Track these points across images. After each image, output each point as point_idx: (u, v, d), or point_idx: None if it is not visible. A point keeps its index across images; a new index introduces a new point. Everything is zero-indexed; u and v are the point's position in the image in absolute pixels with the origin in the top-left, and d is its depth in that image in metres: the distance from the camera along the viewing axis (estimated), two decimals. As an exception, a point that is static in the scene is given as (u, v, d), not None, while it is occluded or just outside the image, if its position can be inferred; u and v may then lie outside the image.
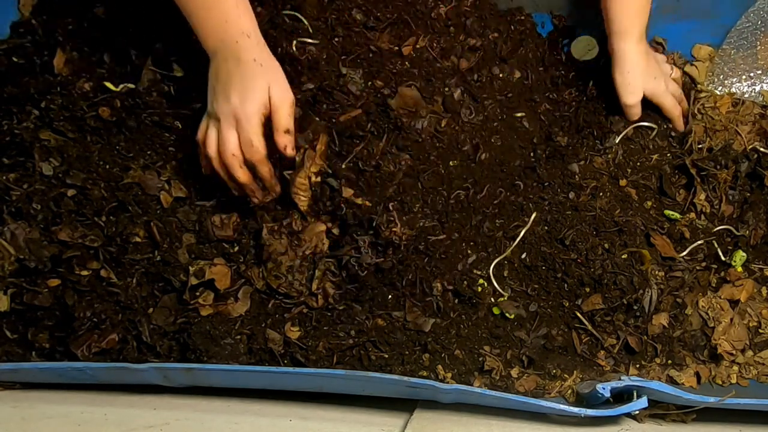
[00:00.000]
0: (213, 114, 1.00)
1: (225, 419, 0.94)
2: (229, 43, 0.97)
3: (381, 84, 1.12)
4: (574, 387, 1.02)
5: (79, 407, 0.97)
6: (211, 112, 1.00)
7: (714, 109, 1.22)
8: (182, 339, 1.02)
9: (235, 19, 0.97)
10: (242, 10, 0.98)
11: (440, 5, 1.19)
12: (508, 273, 1.09)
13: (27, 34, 1.25)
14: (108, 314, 1.04)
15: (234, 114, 0.97)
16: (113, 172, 1.11)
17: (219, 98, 0.98)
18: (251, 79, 0.97)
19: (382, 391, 0.97)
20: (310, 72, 1.12)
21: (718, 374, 1.06)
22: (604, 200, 1.12)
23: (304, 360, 1.01)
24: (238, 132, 0.98)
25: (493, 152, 1.15)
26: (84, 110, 1.13)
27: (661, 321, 1.07)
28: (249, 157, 0.99)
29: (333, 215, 1.06)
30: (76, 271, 1.05)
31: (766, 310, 1.09)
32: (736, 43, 1.23)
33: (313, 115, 1.10)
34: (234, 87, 0.97)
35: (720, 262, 1.11)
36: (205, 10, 0.97)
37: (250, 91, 0.97)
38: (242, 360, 1.02)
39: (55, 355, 1.05)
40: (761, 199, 1.12)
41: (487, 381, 1.03)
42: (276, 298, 1.05)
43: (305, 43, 1.13)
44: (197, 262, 1.04)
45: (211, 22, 0.97)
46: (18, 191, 1.09)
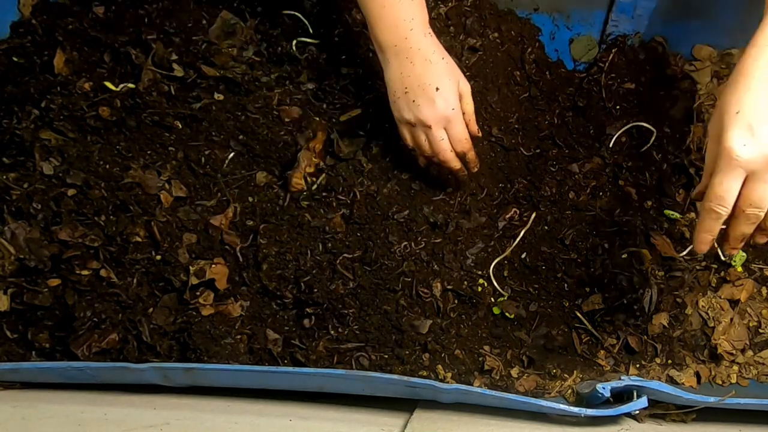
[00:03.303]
0: (417, 120, 0.99)
1: (225, 419, 0.94)
2: (413, 42, 0.95)
3: (381, 84, 1.12)
4: (574, 387, 1.02)
5: (79, 407, 0.97)
6: (412, 119, 0.99)
7: (714, 108, 1.22)
8: (182, 339, 1.02)
9: (421, 15, 0.95)
10: (422, 6, 0.96)
11: (440, 5, 1.19)
12: (508, 273, 1.09)
13: (27, 34, 1.25)
14: (108, 314, 1.04)
15: (443, 117, 0.98)
16: (113, 171, 1.11)
17: (421, 104, 0.97)
18: (446, 78, 0.97)
19: (382, 391, 0.97)
20: (310, 72, 1.12)
21: (718, 374, 1.06)
22: (604, 200, 1.12)
23: (304, 360, 1.01)
24: (447, 130, 1.00)
25: (492, 153, 1.15)
26: (84, 110, 1.13)
27: (661, 321, 1.07)
28: (460, 149, 1.02)
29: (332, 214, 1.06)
30: (77, 270, 1.05)
31: (766, 310, 1.09)
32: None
33: (313, 114, 1.10)
34: (431, 90, 0.96)
35: (720, 262, 1.11)
36: (386, 8, 0.94)
37: (450, 92, 0.97)
38: (242, 360, 1.02)
39: (55, 354, 1.05)
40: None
41: (487, 381, 1.03)
42: (276, 298, 1.05)
43: (305, 43, 1.13)
44: (197, 262, 1.04)
45: (394, 23, 0.95)
46: (18, 191, 1.09)
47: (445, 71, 0.97)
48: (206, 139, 1.14)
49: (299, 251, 1.05)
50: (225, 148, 1.13)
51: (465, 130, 1.01)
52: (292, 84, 1.13)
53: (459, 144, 1.01)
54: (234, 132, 1.13)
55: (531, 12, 1.27)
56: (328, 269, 1.04)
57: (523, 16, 1.26)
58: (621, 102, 1.19)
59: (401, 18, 0.94)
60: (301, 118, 1.12)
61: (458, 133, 1.00)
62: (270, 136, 1.12)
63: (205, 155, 1.13)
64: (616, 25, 1.23)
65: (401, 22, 0.94)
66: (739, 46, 1.26)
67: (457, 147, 1.01)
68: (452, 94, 0.98)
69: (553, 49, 1.27)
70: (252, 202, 1.10)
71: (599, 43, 1.26)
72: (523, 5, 1.26)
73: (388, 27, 0.94)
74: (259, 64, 1.16)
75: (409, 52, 0.95)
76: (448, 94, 0.97)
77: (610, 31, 1.24)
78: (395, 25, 0.94)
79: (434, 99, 0.96)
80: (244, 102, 1.13)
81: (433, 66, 0.96)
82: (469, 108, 1.02)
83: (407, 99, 0.97)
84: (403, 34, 0.95)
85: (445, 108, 0.97)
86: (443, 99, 0.97)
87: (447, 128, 0.99)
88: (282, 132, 1.12)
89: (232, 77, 1.14)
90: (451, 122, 0.99)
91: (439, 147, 1.00)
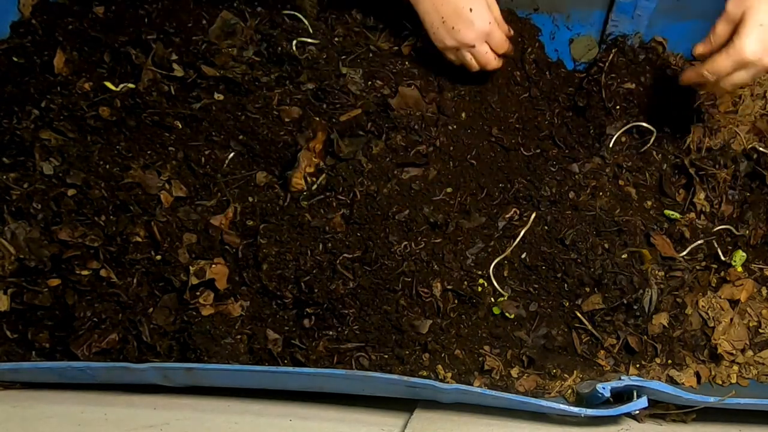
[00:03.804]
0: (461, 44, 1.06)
1: (225, 419, 0.94)
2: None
3: (381, 84, 1.12)
4: (574, 387, 1.02)
5: (79, 407, 0.97)
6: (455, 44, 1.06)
7: (713, 107, 1.22)
8: (182, 339, 1.02)
9: None
10: None
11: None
12: (508, 273, 1.09)
13: (27, 34, 1.25)
14: (108, 314, 1.04)
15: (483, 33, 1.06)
16: (113, 171, 1.11)
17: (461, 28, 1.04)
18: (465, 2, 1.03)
19: (382, 391, 0.97)
20: (310, 72, 1.12)
21: (718, 374, 1.06)
22: (604, 200, 1.11)
23: (304, 360, 1.01)
24: (489, 42, 1.07)
25: (492, 153, 1.15)
26: (84, 110, 1.13)
27: (661, 321, 1.07)
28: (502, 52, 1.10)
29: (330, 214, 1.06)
30: (77, 270, 1.05)
31: (766, 310, 1.09)
32: None
33: (313, 114, 1.10)
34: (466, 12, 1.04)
35: (720, 262, 1.11)
36: None
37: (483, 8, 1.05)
38: (242, 360, 1.02)
39: (55, 354, 1.05)
40: (761, 199, 1.12)
41: (487, 381, 1.03)
42: (276, 298, 1.05)
43: (305, 43, 1.13)
44: (197, 262, 1.04)
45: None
46: (18, 191, 1.09)
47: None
48: (206, 139, 1.14)
49: (299, 251, 1.05)
50: (225, 148, 1.13)
51: (503, 35, 1.09)
52: (292, 84, 1.13)
53: (501, 49, 1.10)
54: (234, 132, 1.13)
55: (531, 12, 1.27)
56: (328, 269, 1.04)
57: (523, 16, 1.25)
58: (621, 102, 1.19)
59: None
60: (301, 118, 1.12)
61: (498, 41, 1.08)
62: (270, 136, 1.12)
63: (205, 155, 1.13)
64: (616, 25, 1.23)
65: None
66: (739, 46, 1.26)
67: (500, 51, 1.10)
68: (485, 9, 1.05)
69: (553, 49, 1.27)
70: (252, 202, 1.10)
71: (599, 43, 1.26)
72: (523, 5, 1.26)
73: None
74: (259, 64, 1.16)
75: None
76: (482, 11, 1.05)
77: (610, 31, 1.24)
78: None
79: (472, 20, 1.04)
80: (244, 102, 1.13)
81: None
82: (497, 12, 1.09)
83: (446, 27, 1.05)
84: None
85: (483, 24, 1.05)
86: (479, 17, 1.05)
87: (488, 41, 1.07)
88: (282, 132, 1.12)
89: (232, 77, 1.14)
90: (491, 34, 1.07)
91: (486, 59, 1.09)
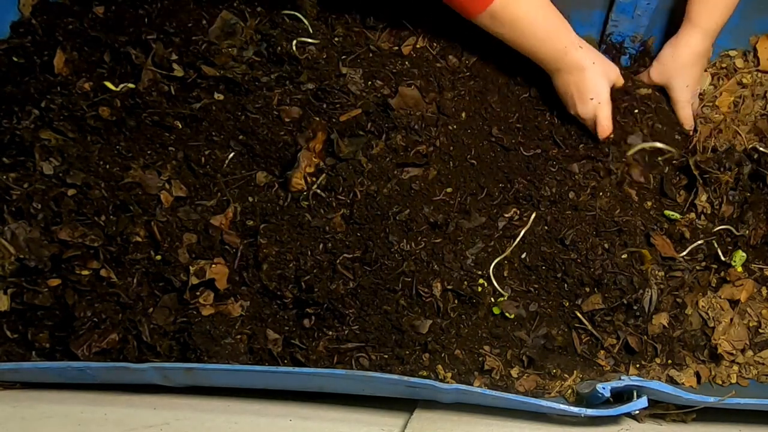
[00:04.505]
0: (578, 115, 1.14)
1: (225, 419, 0.94)
2: (569, 61, 1.10)
3: (381, 84, 1.12)
4: (574, 387, 1.02)
5: (79, 407, 0.97)
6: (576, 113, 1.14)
7: (714, 108, 1.22)
8: (182, 339, 1.02)
9: (570, 41, 1.09)
10: (566, 28, 1.10)
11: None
12: (508, 273, 1.09)
13: (27, 34, 1.25)
14: (108, 314, 1.04)
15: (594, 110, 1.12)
16: (113, 171, 1.11)
17: (578, 103, 1.12)
18: (598, 79, 1.11)
19: (382, 391, 0.97)
20: (310, 72, 1.12)
21: (718, 374, 1.06)
22: (604, 200, 1.11)
23: (304, 360, 1.01)
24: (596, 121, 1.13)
25: (492, 153, 1.15)
26: (84, 110, 1.13)
27: (661, 321, 1.07)
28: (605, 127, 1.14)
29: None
30: (77, 270, 1.05)
31: (766, 310, 1.09)
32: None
33: (313, 114, 1.10)
34: (588, 91, 1.11)
35: (720, 262, 1.11)
36: (542, 42, 1.09)
37: (603, 89, 1.12)
38: (242, 360, 1.02)
39: (55, 354, 1.05)
40: (761, 199, 1.12)
41: (487, 381, 1.03)
42: (276, 298, 1.05)
43: (305, 43, 1.13)
44: (197, 262, 1.04)
45: (551, 51, 1.10)
46: (18, 191, 1.09)
47: (598, 72, 1.11)
48: (206, 139, 1.14)
49: (299, 251, 1.05)
50: (225, 148, 1.13)
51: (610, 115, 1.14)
52: (292, 84, 1.13)
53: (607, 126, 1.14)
54: (234, 132, 1.13)
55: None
56: (329, 269, 1.04)
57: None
58: (640, 106, 1.19)
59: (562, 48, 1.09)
60: (301, 118, 1.12)
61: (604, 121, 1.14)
62: (270, 136, 1.12)
63: (205, 155, 1.13)
64: (616, 25, 1.23)
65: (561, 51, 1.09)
66: (739, 47, 1.26)
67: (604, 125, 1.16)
68: (604, 90, 1.12)
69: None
70: (252, 202, 1.10)
71: (599, 43, 1.26)
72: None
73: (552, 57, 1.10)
74: (259, 64, 1.16)
75: (569, 68, 1.11)
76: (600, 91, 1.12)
77: (610, 31, 1.24)
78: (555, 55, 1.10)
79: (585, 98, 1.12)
80: (244, 102, 1.13)
81: (588, 71, 1.10)
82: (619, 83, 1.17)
83: (572, 101, 1.13)
84: (561, 58, 1.10)
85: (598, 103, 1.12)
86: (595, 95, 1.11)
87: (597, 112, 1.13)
88: (282, 132, 1.12)
89: (232, 77, 1.14)
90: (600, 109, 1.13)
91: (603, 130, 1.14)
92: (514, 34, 1.09)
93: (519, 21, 1.07)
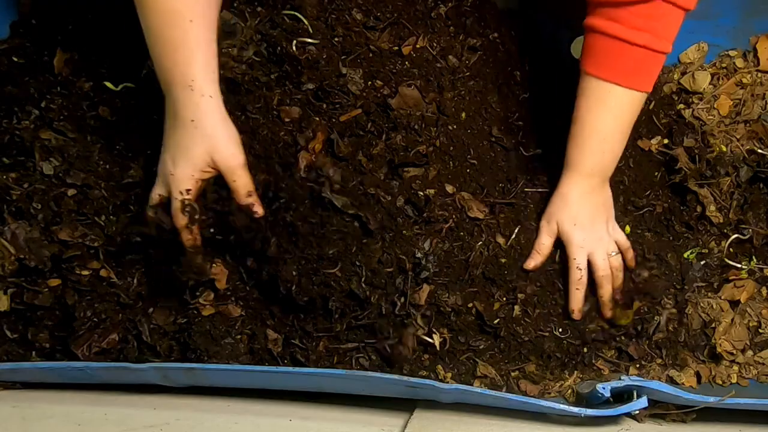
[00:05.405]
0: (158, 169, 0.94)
1: (225, 419, 0.94)
2: (173, 93, 0.87)
3: (381, 84, 1.12)
4: (574, 387, 1.02)
5: (79, 407, 0.97)
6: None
7: (711, 110, 1.21)
8: (182, 339, 1.02)
9: (182, 67, 0.85)
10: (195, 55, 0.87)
11: (440, 5, 1.19)
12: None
13: (27, 34, 1.25)
14: (108, 314, 1.04)
15: (166, 177, 0.91)
16: (113, 171, 1.11)
17: (162, 155, 0.92)
18: (187, 143, 0.88)
19: (382, 391, 0.97)
20: (310, 72, 1.12)
21: (718, 374, 1.06)
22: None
23: (304, 360, 1.01)
24: (169, 195, 0.92)
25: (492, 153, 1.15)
26: (84, 110, 1.13)
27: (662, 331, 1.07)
28: (174, 221, 0.92)
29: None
30: (77, 270, 1.05)
31: (766, 310, 1.09)
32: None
33: (313, 114, 1.10)
34: (169, 148, 0.90)
35: (729, 267, 1.11)
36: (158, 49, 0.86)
37: (182, 157, 0.89)
38: (242, 360, 1.02)
39: (55, 354, 1.05)
40: (761, 200, 1.12)
41: (487, 381, 1.03)
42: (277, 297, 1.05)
43: (305, 43, 1.13)
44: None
45: (161, 63, 0.87)
46: (18, 191, 1.09)
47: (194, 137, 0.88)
48: (206, 139, 1.13)
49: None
50: (225, 148, 1.13)
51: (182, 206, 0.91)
52: (292, 84, 1.13)
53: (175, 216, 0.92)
54: (234, 132, 1.13)
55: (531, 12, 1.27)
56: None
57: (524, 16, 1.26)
58: None
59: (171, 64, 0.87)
60: (301, 118, 1.11)
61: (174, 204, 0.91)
62: (270, 136, 1.12)
63: (205, 155, 1.12)
64: (616, 25, 1.22)
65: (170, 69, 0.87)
66: (739, 47, 1.26)
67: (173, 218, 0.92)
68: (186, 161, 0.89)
69: (554, 49, 1.27)
70: (252, 202, 1.10)
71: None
72: (524, 5, 1.26)
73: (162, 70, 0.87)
74: (259, 64, 1.16)
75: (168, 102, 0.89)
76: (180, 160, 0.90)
77: (610, 31, 1.23)
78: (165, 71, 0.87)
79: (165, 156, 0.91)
80: (244, 102, 1.13)
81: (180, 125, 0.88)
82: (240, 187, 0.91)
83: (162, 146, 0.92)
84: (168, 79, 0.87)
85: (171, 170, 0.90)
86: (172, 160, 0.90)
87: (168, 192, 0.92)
88: (282, 132, 1.12)
89: (232, 77, 1.13)
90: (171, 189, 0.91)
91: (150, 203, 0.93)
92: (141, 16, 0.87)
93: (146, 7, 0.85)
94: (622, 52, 0.93)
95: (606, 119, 0.98)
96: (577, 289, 1.03)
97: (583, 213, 1.04)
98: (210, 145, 0.89)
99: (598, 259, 1.03)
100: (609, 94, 0.96)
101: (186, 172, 0.89)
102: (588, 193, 1.04)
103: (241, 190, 0.92)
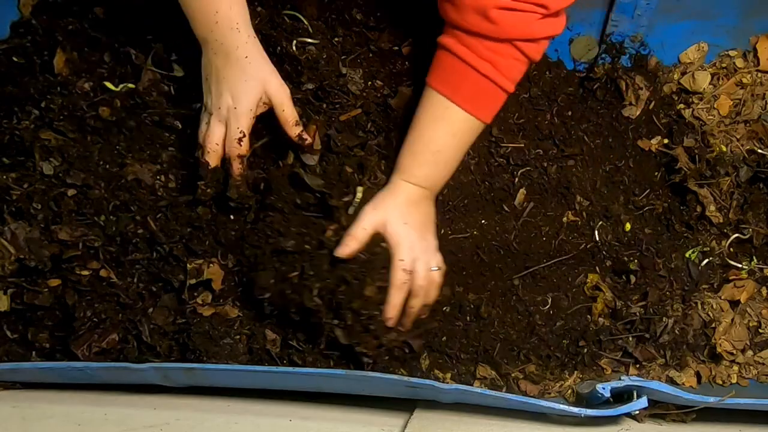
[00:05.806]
0: (207, 108, 1.02)
1: (225, 419, 0.94)
2: (218, 36, 0.95)
3: (381, 84, 1.12)
4: (574, 387, 1.02)
5: (79, 407, 0.97)
6: (206, 105, 1.02)
7: (711, 110, 1.21)
8: (182, 339, 1.02)
9: (225, 11, 0.95)
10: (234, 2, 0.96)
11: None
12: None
13: (27, 34, 1.25)
14: (108, 314, 1.04)
15: (226, 111, 0.99)
16: (113, 171, 1.11)
17: (212, 94, 1.00)
18: (242, 77, 0.97)
19: (382, 391, 0.97)
20: (310, 72, 1.12)
21: (718, 374, 1.06)
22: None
23: (302, 362, 1.01)
24: (226, 127, 1.00)
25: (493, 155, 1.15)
26: (84, 110, 1.13)
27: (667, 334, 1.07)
28: (228, 152, 1.01)
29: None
30: (77, 270, 1.05)
31: (766, 310, 1.09)
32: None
33: (313, 114, 1.10)
34: (226, 84, 0.98)
35: (729, 267, 1.11)
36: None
37: (242, 91, 0.98)
38: (242, 360, 1.02)
39: (55, 355, 1.05)
40: (761, 200, 1.12)
41: (487, 381, 1.03)
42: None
43: (305, 43, 1.13)
44: (195, 261, 1.04)
45: (201, 12, 0.95)
46: (18, 191, 1.09)
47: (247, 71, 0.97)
48: (206, 139, 1.13)
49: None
50: (225, 148, 1.13)
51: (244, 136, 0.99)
52: (292, 84, 1.13)
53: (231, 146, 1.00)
54: (234, 132, 1.13)
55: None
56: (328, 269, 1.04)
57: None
58: None
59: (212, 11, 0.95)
60: (300, 117, 1.12)
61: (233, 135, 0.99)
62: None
63: (205, 155, 1.12)
64: (616, 25, 1.22)
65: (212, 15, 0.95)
66: (739, 47, 1.26)
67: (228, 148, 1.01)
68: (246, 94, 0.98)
69: (553, 49, 1.27)
70: (252, 202, 1.10)
71: (599, 43, 1.26)
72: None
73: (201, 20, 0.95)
74: (259, 64, 1.16)
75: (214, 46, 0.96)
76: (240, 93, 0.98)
77: (610, 31, 1.23)
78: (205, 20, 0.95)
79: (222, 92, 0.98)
80: (244, 102, 1.13)
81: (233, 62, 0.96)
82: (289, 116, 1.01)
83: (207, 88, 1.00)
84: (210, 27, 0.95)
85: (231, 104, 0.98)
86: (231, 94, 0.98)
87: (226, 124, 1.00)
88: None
89: (232, 77, 1.14)
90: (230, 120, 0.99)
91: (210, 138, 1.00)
92: None
93: None
94: (467, 76, 0.95)
95: (443, 135, 0.99)
96: (400, 292, 0.97)
97: (414, 217, 1.00)
98: (263, 78, 0.99)
99: (421, 268, 0.98)
100: (448, 111, 0.97)
101: (246, 106, 0.98)
102: (416, 201, 1.01)
103: (290, 119, 1.02)
